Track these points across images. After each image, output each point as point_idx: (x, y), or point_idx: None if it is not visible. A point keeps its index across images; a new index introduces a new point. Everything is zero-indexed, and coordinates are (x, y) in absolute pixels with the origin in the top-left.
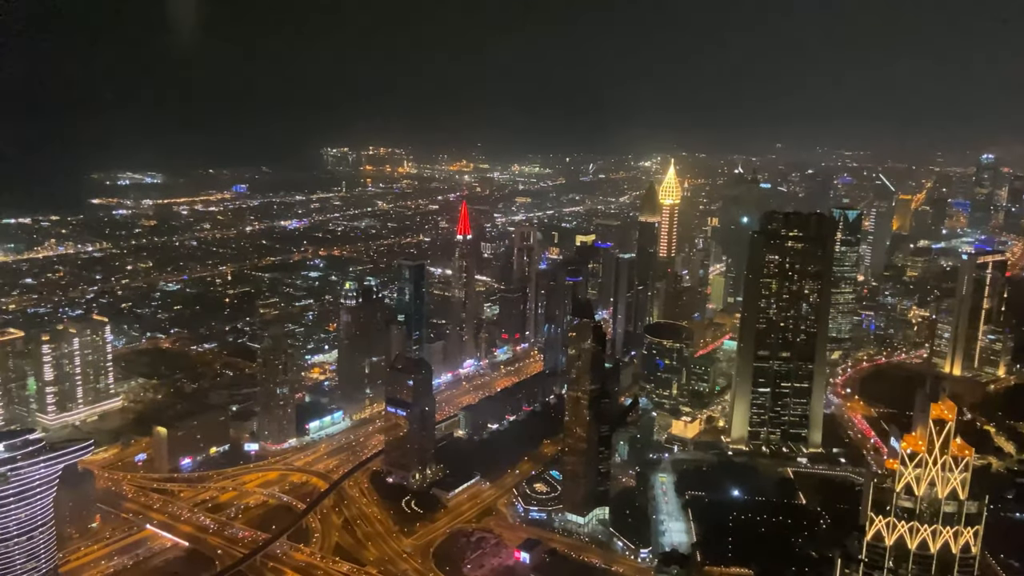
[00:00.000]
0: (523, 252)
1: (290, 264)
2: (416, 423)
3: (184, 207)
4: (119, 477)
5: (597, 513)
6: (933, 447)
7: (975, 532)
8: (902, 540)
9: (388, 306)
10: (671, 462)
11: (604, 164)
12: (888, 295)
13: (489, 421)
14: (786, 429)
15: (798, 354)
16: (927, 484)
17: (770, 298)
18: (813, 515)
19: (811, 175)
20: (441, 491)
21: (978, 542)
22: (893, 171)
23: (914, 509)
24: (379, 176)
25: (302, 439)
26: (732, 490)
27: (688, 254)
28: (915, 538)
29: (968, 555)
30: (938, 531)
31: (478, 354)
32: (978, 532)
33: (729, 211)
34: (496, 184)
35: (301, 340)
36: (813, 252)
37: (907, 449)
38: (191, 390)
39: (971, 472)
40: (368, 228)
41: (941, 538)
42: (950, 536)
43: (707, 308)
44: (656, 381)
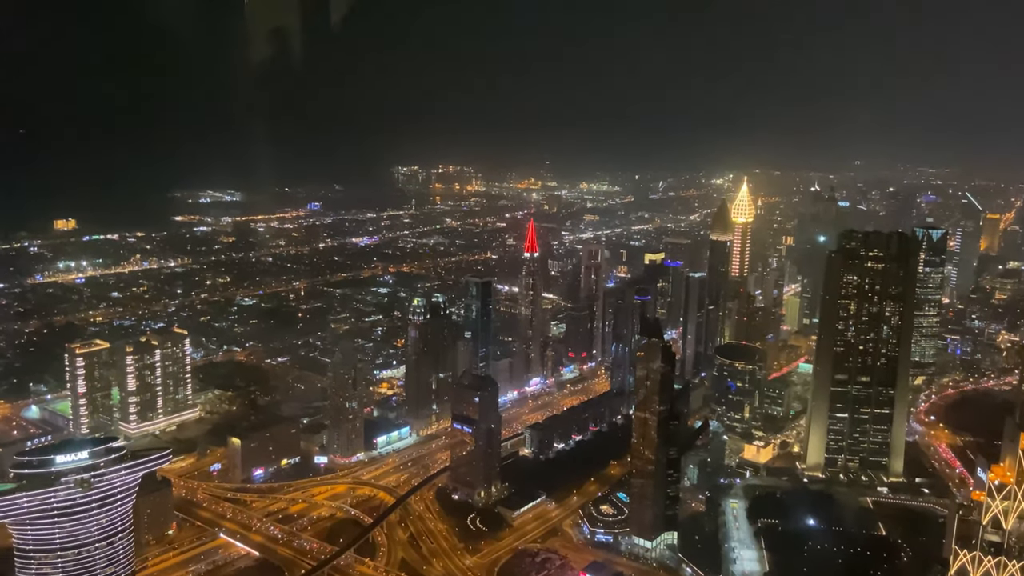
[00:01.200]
0: (590, 270)
1: (361, 280)
2: (482, 440)
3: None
4: (195, 486)
5: (665, 538)
6: (1023, 479)
7: None
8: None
9: (455, 323)
10: (743, 488)
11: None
12: (975, 318)
13: (555, 440)
14: (865, 457)
15: (878, 379)
16: (1016, 517)
17: (848, 320)
18: (894, 547)
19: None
20: (506, 509)
21: None
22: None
23: (1002, 543)
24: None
25: (370, 453)
26: (807, 519)
27: (761, 274)
28: (1002, 574)
29: None
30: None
31: (544, 372)
32: None
33: (805, 230)
34: (564, 202)
35: (370, 355)
36: (894, 272)
37: (995, 480)
38: (264, 402)
39: None
40: (436, 245)
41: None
42: None
43: (781, 329)
44: (727, 404)
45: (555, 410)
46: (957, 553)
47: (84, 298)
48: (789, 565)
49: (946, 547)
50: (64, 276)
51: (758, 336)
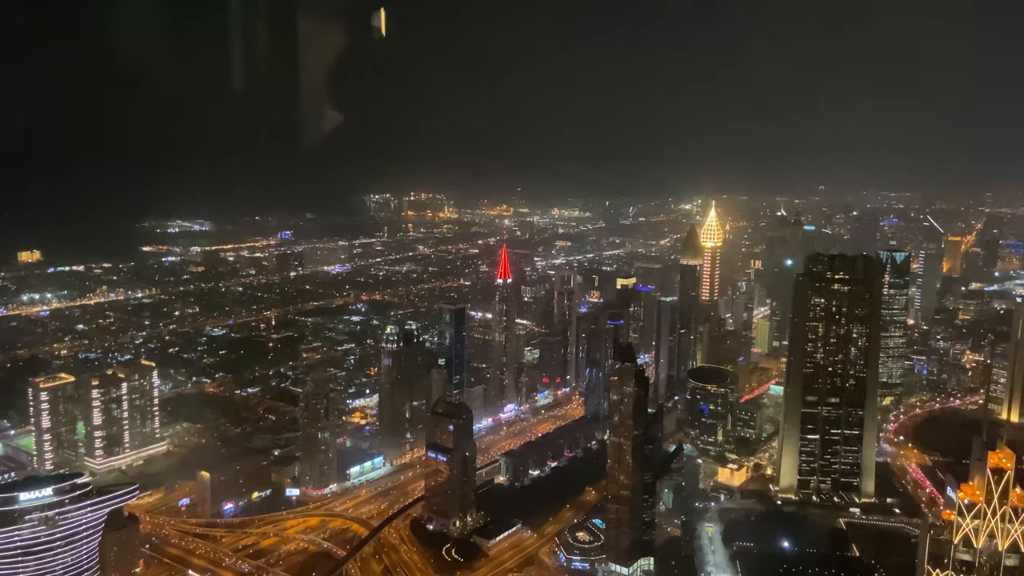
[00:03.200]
0: (563, 296)
1: (333, 309)
2: (457, 469)
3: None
4: (163, 521)
5: (642, 564)
6: (992, 497)
7: None
8: None
9: (429, 350)
10: (718, 511)
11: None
12: (940, 339)
13: (530, 467)
14: (837, 478)
15: (848, 400)
16: (986, 536)
17: (817, 342)
18: (867, 568)
19: (856, 217)
20: (482, 539)
21: None
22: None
23: (973, 562)
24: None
25: (343, 484)
26: (782, 541)
27: (731, 297)
28: None
29: None
30: None
31: (519, 399)
32: None
33: (772, 254)
34: (536, 228)
35: (343, 384)
36: (860, 295)
37: (964, 499)
38: (234, 434)
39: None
40: (409, 272)
41: None
42: None
43: (752, 352)
44: (701, 427)
45: (530, 436)
46: (929, 573)
47: (49, 331)
48: None
49: (918, 567)
50: (28, 308)
51: (729, 359)
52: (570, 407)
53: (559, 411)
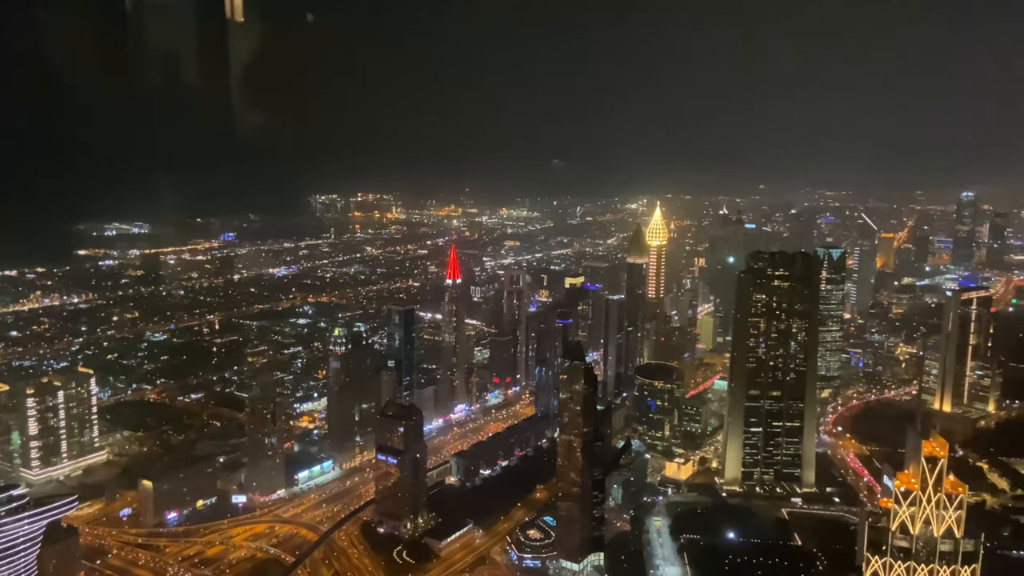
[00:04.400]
0: (513, 295)
1: (278, 312)
2: (407, 471)
3: (171, 256)
4: (104, 533)
5: (592, 559)
6: (926, 485)
7: (972, 571)
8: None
9: (378, 352)
10: (665, 505)
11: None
12: (875, 332)
13: (481, 467)
14: (779, 469)
15: (789, 393)
16: (922, 523)
17: (759, 337)
18: (809, 556)
19: (795, 215)
20: (433, 540)
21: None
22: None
23: (910, 548)
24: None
25: (291, 490)
26: (727, 532)
27: (676, 295)
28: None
29: None
30: (935, 571)
31: (469, 399)
32: (975, 571)
33: (716, 252)
34: (485, 228)
35: (290, 388)
36: (799, 291)
37: (900, 487)
38: (177, 442)
39: (965, 509)
40: (357, 274)
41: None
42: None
43: (697, 348)
44: (648, 423)
45: (481, 436)
46: (869, 560)
47: None
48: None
49: (858, 554)
50: None
51: (675, 355)
52: (520, 406)
53: (510, 410)
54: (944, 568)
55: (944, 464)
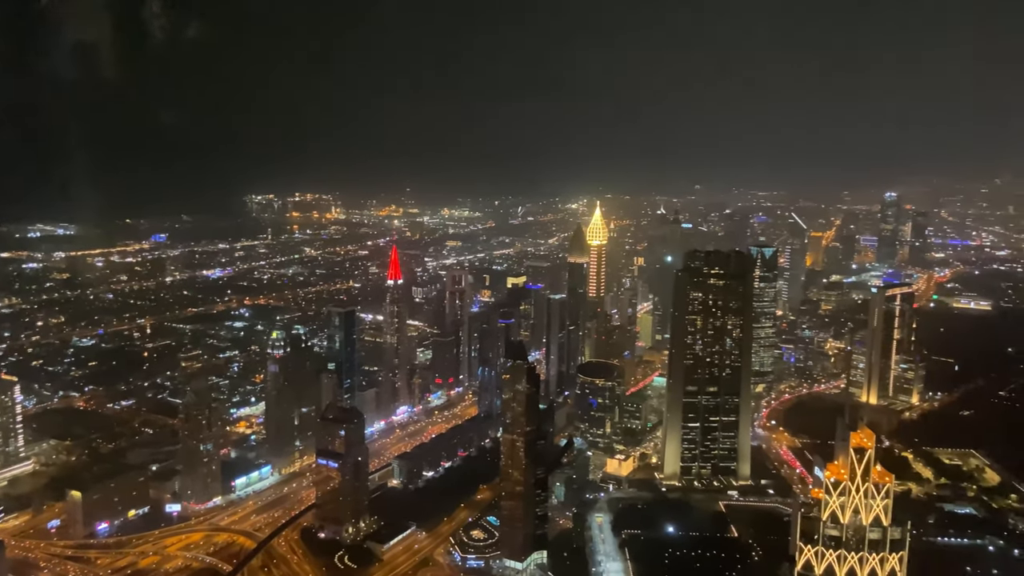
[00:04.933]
0: (455, 296)
1: (213, 315)
2: (348, 474)
3: (99, 259)
4: (31, 545)
5: (535, 558)
6: (855, 475)
7: (900, 558)
8: (831, 569)
9: (318, 355)
10: (607, 501)
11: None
12: (805, 328)
13: (424, 469)
14: (716, 463)
15: (725, 388)
16: (852, 512)
17: (696, 334)
18: (745, 547)
19: (729, 215)
20: (375, 544)
21: (903, 568)
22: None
23: (841, 537)
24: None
25: (228, 497)
26: (667, 526)
27: (616, 293)
28: (843, 566)
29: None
30: (865, 558)
31: (412, 400)
32: (903, 558)
33: (654, 251)
34: (426, 228)
35: (226, 393)
36: (734, 289)
37: (831, 478)
38: (107, 450)
39: (892, 498)
40: (296, 275)
41: (868, 565)
42: (876, 563)
43: (637, 346)
44: (590, 420)
45: (423, 438)
46: (801, 549)
47: None
48: (652, 573)
49: (792, 544)
50: None
51: (616, 353)
52: (463, 406)
53: (453, 411)
54: (873, 555)
55: (871, 455)
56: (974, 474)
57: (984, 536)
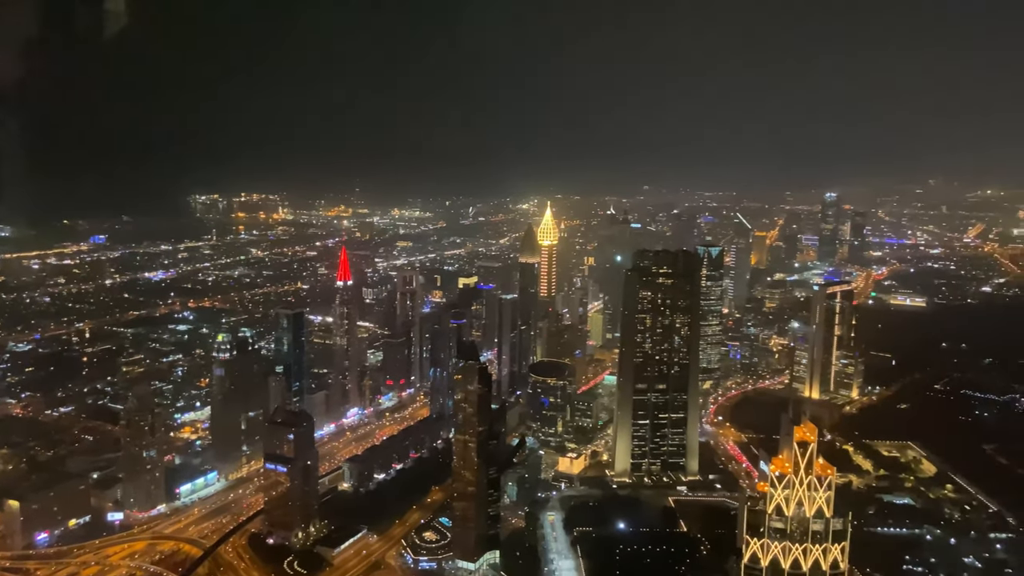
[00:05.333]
0: (406, 296)
1: (156, 318)
2: (298, 479)
3: (36, 261)
4: None
5: (488, 558)
6: (799, 468)
7: (842, 548)
8: (776, 560)
9: (265, 357)
10: (559, 499)
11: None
12: (751, 326)
13: (375, 471)
14: (666, 459)
15: (673, 385)
16: (795, 504)
17: (645, 333)
18: (694, 542)
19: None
20: (326, 548)
21: (845, 558)
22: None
23: (785, 529)
24: (252, 223)
25: (172, 504)
26: (618, 523)
27: (567, 293)
28: (788, 558)
29: (837, 571)
30: (808, 549)
31: (362, 402)
32: (845, 548)
33: (604, 251)
34: (376, 229)
35: (169, 398)
36: (682, 287)
37: (775, 471)
38: (46, 458)
39: (834, 490)
40: (242, 277)
41: (812, 556)
42: (819, 553)
43: (588, 345)
44: (542, 419)
45: (374, 440)
46: (748, 542)
47: None
48: (603, 569)
49: (739, 537)
50: None
51: (567, 352)
52: (415, 408)
53: (404, 412)
54: (816, 546)
55: (814, 448)
56: (911, 465)
57: (921, 526)
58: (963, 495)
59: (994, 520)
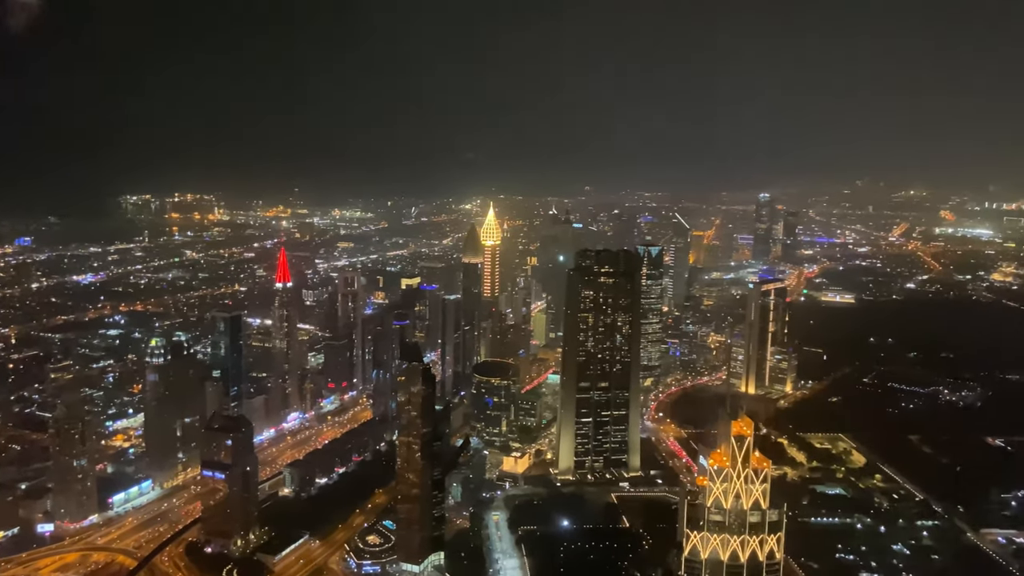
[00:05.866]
0: (347, 298)
1: (85, 323)
2: (236, 485)
3: None
4: None
5: (432, 560)
6: (736, 462)
7: (778, 539)
8: (716, 553)
9: (201, 362)
10: (503, 499)
11: (426, 207)
12: (689, 323)
13: (317, 475)
14: (608, 456)
15: (615, 383)
16: (733, 497)
17: (587, 331)
18: (636, 537)
19: (617, 215)
20: (267, 555)
21: (781, 548)
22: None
23: (724, 522)
24: (187, 224)
25: (105, 514)
26: (562, 521)
27: (511, 293)
28: (726, 550)
29: (774, 561)
30: (746, 541)
31: (303, 406)
32: (780, 539)
33: (546, 250)
34: (316, 229)
35: (101, 405)
36: (623, 286)
37: (714, 466)
38: None
39: (770, 483)
40: (176, 279)
41: (749, 547)
42: (756, 545)
43: (531, 344)
44: (486, 419)
45: (316, 444)
46: (688, 535)
47: None
48: (547, 567)
49: (679, 531)
50: None
51: (511, 352)
52: (358, 411)
53: (347, 415)
54: (753, 538)
55: (750, 442)
56: (842, 456)
57: (852, 515)
58: (891, 484)
59: (920, 508)
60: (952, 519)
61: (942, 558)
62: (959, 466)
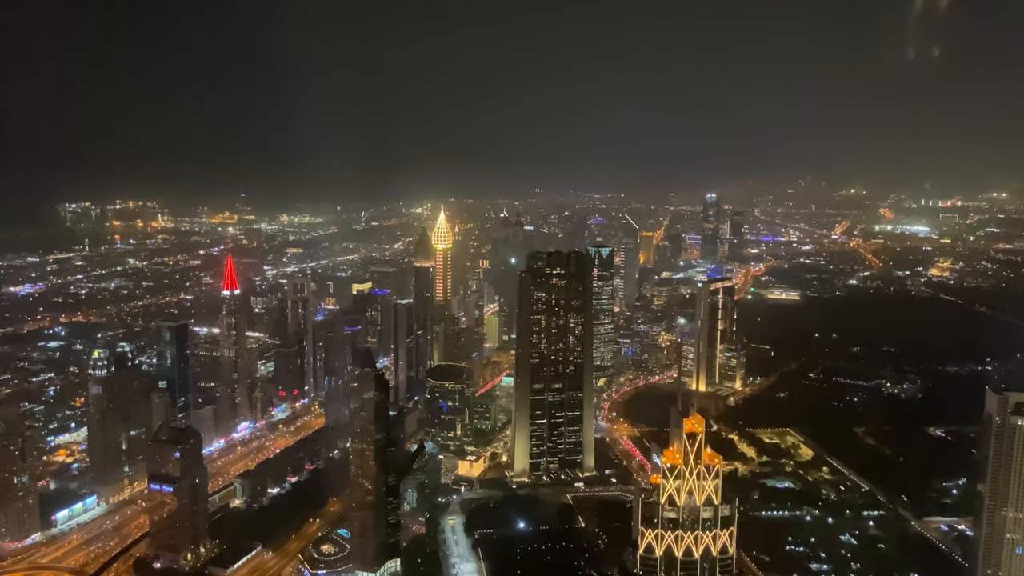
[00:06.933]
0: (297, 304)
1: (24, 335)
2: (185, 498)
3: None
4: None
5: (388, 566)
6: (688, 459)
7: (730, 533)
8: (670, 549)
9: (147, 373)
10: (459, 503)
11: (376, 212)
12: (640, 323)
13: (269, 486)
14: (563, 457)
15: (569, 384)
16: (686, 494)
17: (540, 333)
18: (592, 536)
19: (567, 217)
20: (218, 569)
21: (733, 542)
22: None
23: (677, 518)
24: (129, 232)
25: (48, 532)
26: (518, 523)
27: (463, 296)
28: (681, 545)
29: (726, 555)
30: (699, 536)
31: (254, 415)
32: (733, 533)
33: (498, 253)
34: (264, 235)
35: (41, 420)
36: (575, 288)
37: (667, 463)
38: None
39: (722, 478)
40: (119, 289)
41: (703, 542)
42: (710, 540)
43: (485, 347)
44: (440, 424)
45: (268, 454)
46: (643, 533)
47: None
48: (504, 570)
49: (634, 529)
50: None
51: (464, 356)
52: (310, 418)
53: (299, 424)
54: (707, 533)
55: (702, 439)
56: (791, 450)
57: (801, 507)
58: (838, 476)
59: (866, 499)
60: (896, 509)
61: (888, 547)
62: (902, 457)
